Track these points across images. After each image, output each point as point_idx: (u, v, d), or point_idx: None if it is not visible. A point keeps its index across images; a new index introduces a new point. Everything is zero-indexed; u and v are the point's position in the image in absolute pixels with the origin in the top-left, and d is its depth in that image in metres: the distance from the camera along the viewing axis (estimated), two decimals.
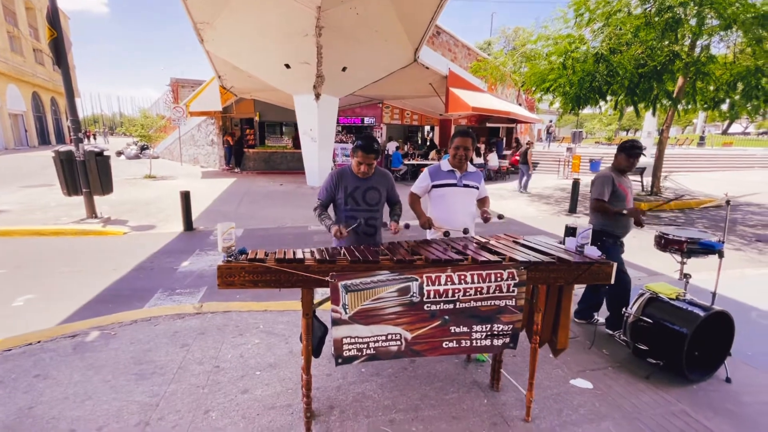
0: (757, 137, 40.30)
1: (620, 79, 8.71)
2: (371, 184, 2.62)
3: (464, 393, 2.44)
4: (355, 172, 2.59)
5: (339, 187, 2.59)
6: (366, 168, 2.54)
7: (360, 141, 2.52)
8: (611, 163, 3.22)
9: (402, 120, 17.97)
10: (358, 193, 2.59)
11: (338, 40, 9.73)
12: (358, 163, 2.53)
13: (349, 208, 2.60)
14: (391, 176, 2.80)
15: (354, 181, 2.60)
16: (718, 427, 2.18)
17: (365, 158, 2.50)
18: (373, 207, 2.63)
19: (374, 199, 2.63)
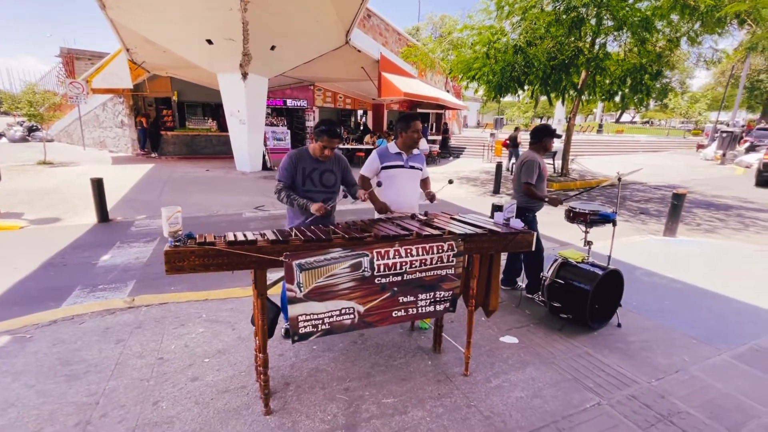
0: (641, 125, 46.98)
1: (535, 70, 9.57)
2: (328, 166, 2.68)
3: (410, 357, 2.67)
4: (317, 156, 2.62)
5: (297, 168, 2.60)
6: (329, 152, 2.60)
7: (324, 126, 2.56)
8: (534, 147, 3.58)
9: (335, 104, 17.73)
10: (316, 174, 2.63)
11: (266, 17, 9.24)
12: (323, 147, 2.57)
13: (306, 189, 2.62)
14: (345, 159, 2.86)
15: (312, 163, 2.63)
16: (611, 362, 2.68)
17: (330, 142, 2.56)
18: (330, 189, 2.69)
19: (330, 181, 2.69)
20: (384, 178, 2.98)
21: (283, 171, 2.61)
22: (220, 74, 10.93)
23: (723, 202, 9.00)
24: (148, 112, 15.36)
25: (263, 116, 12.07)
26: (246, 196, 8.26)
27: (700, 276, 4.27)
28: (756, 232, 6.54)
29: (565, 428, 2.07)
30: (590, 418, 2.15)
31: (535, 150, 3.53)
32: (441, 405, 2.22)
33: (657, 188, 10.96)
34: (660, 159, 18.46)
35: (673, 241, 5.78)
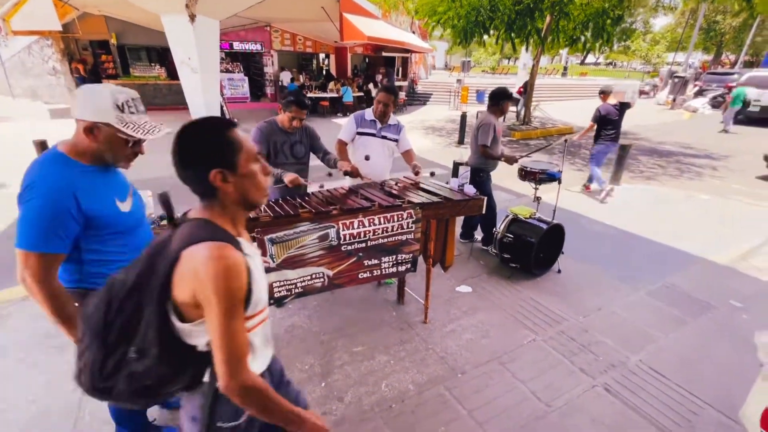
0: (604, 67, 47.53)
1: (501, 15, 9.40)
2: (297, 138, 2.74)
3: (377, 310, 3.00)
4: (285, 127, 2.65)
5: (269, 141, 2.64)
6: (298, 123, 2.64)
7: (292, 96, 2.59)
8: (491, 109, 3.72)
9: (294, 47, 16.62)
10: (286, 147, 2.69)
11: None
12: (292, 118, 2.60)
13: (279, 162, 2.69)
14: (312, 128, 2.90)
15: (282, 136, 2.68)
16: (549, 303, 3.14)
17: (300, 113, 2.59)
18: (301, 160, 2.78)
19: (301, 153, 2.77)
20: (357, 144, 3.07)
21: (256, 143, 2.64)
22: (163, 15, 9.89)
23: (665, 149, 9.71)
24: (84, 57, 13.82)
25: (217, 63, 11.23)
26: None
27: (633, 222, 4.81)
28: (689, 179, 7.24)
29: (506, 361, 2.50)
30: (526, 351, 2.59)
31: (493, 113, 3.69)
32: (403, 350, 2.58)
33: None
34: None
35: (616, 189, 6.32)
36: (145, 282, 0.92)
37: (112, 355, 0.91)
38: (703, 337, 2.80)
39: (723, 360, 2.56)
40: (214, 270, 0.86)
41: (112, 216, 1.35)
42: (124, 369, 0.91)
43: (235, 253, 0.91)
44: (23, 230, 1.20)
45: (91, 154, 1.32)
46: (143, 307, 0.91)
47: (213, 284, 0.86)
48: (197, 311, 0.91)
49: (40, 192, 1.20)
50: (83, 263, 1.34)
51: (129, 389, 0.93)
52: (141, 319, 0.91)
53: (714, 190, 6.41)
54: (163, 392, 0.98)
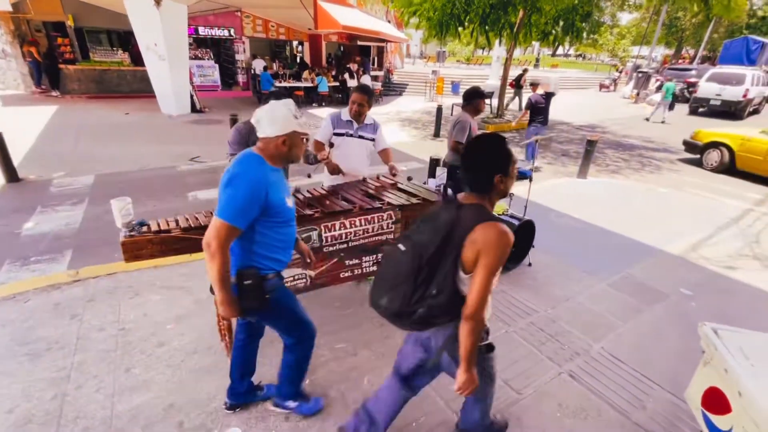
0: (575, 59, 48.81)
1: (475, 8, 9.50)
2: None
3: (358, 307, 3.08)
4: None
5: (249, 141, 2.63)
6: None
7: (272, 97, 2.55)
8: (466, 108, 3.83)
9: (267, 33, 16.14)
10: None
11: None
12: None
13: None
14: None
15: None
16: (520, 296, 3.33)
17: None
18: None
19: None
20: (334, 144, 3.10)
21: (234, 145, 2.63)
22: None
23: (629, 143, 10.22)
24: (36, 39, 12.89)
25: (186, 50, 10.79)
26: (178, 146, 7.75)
27: (598, 215, 5.10)
28: (650, 172, 7.69)
29: None
30: (499, 343, 2.73)
31: (468, 111, 3.80)
32: (384, 345, 2.69)
33: (579, 128, 11.99)
34: (585, 97, 19.80)
35: (584, 183, 6.65)
36: (447, 243, 1.35)
37: (418, 290, 1.37)
38: (657, 324, 3.06)
39: (673, 345, 2.83)
40: (502, 241, 1.29)
41: (283, 208, 1.67)
42: (425, 301, 1.37)
43: (511, 234, 1.32)
44: (226, 206, 1.53)
45: (278, 158, 1.68)
46: (444, 260, 1.35)
47: (496, 250, 1.29)
48: (473, 266, 1.33)
49: (245, 181, 1.54)
50: (253, 243, 1.66)
51: (424, 315, 1.39)
52: (441, 268, 1.36)
53: (671, 183, 6.86)
54: (438, 322, 1.46)
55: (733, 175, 7.50)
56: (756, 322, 3.13)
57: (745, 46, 22.06)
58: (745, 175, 7.32)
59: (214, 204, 1.63)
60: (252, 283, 1.63)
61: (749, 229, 4.99)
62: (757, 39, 21.95)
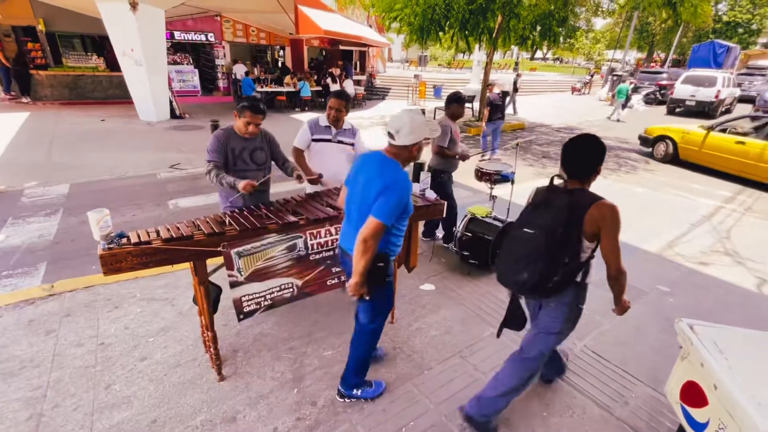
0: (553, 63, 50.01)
1: (455, 13, 9.64)
2: (257, 144, 2.71)
3: (345, 312, 3.07)
4: (241, 133, 2.63)
5: (227, 148, 2.60)
6: (254, 128, 2.61)
7: (246, 102, 2.57)
8: (447, 113, 3.89)
9: (247, 38, 16.00)
10: (246, 153, 2.66)
11: None
12: (246, 123, 2.57)
13: (239, 169, 2.65)
14: (273, 135, 2.89)
15: (240, 142, 2.64)
16: (504, 295, 3.35)
17: (254, 118, 2.57)
18: (261, 166, 2.75)
19: (261, 159, 2.75)
20: (313, 151, 3.09)
21: (214, 152, 2.58)
22: (100, 2, 9.16)
23: (606, 143, 10.48)
24: (2, 44, 12.41)
25: (164, 55, 10.58)
26: (157, 152, 7.59)
27: None
28: (626, 172, 7.92)
29: (467, 355, 2.68)
30: (486, 345, 2.79)
31: (448, 116, 3.85)
32: None
33: (558, 131, 12.27)
34: (563, 100, 20.28)
35: None
36: (570, 222, 1.74)
37: (555, 262, 1.76)
38: (637, 320, 3.15)
39: (653, 341, 2.92)
40: (615, 214, 1.72)
41: (411, 205, 1.97)
42: (560, 270, 1.77)
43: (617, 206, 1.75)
44: (385, 209, 1.81)
45: (408, 162, 1.97)
46: (571, 235, 1.75)
47: (614, 222, 1.72)
48: (592, 237, 1.76)
49: (399, 188, 1.83)
50: (389, 234, 1.94)
51: (559, 282, 1.79)
52: (569, 242, 1.76)
53: (646, 183, 7.08)
54: (564, 288, 1.86)
55: (678, 165, 8.36)
56: (729, 316, 3.26)
57: (712, 50, 23.11)
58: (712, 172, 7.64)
59: (197, 211, 1.61)
60: (383, 266, 1.93)
61: (721, 225, 5.20)
62: (723, 43, 23.00)
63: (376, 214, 1.79)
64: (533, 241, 1.79)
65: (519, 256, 1.84)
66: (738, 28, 35.72)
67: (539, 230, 1.79)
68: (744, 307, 3.43)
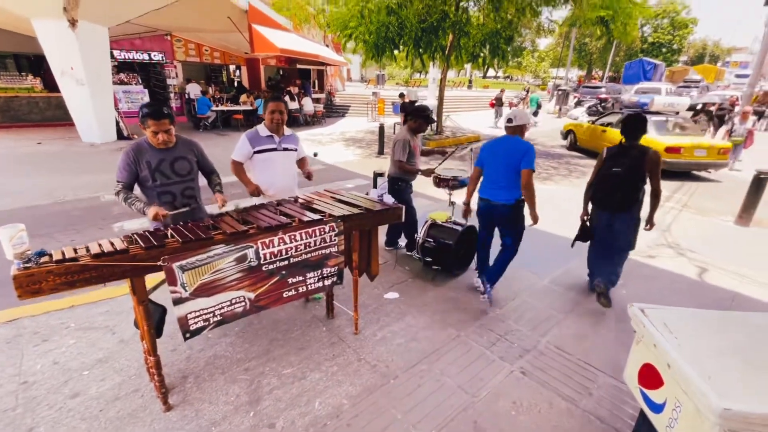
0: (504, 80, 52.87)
1: (408, 32, 9.95)
2: (177, 153, 2.46)
3: (306, 327, 2.93)
4: (154, 144, 2.38)
5: (140, 163, 2.35)
6: (165, 136, 2.35)
7: (146, 108, 2.30)
8: (407, 125, 3.85)
9: (201, 57, 15.64)
10: (165, 165, 2.41)
11: None
12: (153, 132, 2.32)
13: (159, 183, 2.41)
14: (199, 144, 2.66)
15: (156, 154, 2.39)
16: (469, 300, 3.37)
17: (158, 125, 2.30)
18: (186, 177, 2.51)
19: (185, 169, 2.50)
20: (258, 163, 2.95)
21: (121, 171, 2.34)
22: (35, 20, 8.62)
23: (556, 152, 11.11)
24: None
25: (108, 74, 10.08)
26: (101, 174, 7.08)
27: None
28: (576, 177, 8.36)
29: (434, 360, 2.62)
30: (451, 348, 2.74)
31: (410, 128, 3.84)
32: (335, 364, 2.55)
33: None
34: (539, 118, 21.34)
35: None
36: (642, 164, 3.01)
37: (636, 188, 3.08)
38: (594, 313, 3.24)
39: (611, 331, 3.00)
40: (659, 157, 3.02)
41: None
42: (638, 193, 3.10)
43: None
44: (531, 161, 2.99)
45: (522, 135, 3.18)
46: (642, 172, 3.03)
47: (659, 161, 3.00)
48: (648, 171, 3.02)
49: (531, 148, 3.02)
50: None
51: (637, 200, 3.12)
52: (641, 173, 3.04)
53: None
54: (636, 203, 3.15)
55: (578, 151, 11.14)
56: (677, 301, 3.43)
57: (641, 67, 25.46)
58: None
59: None
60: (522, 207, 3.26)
61: (662, 221, 5.55)
62: (650, 61, 25.47)
63: (527, 166, 2.98)
64: (621, 176, 3.08)
65: (613, 184, 3.13)
66: (662, 48, 39.74)
67: (624, 168, 3.06)
68: (689, 294, 3.63)
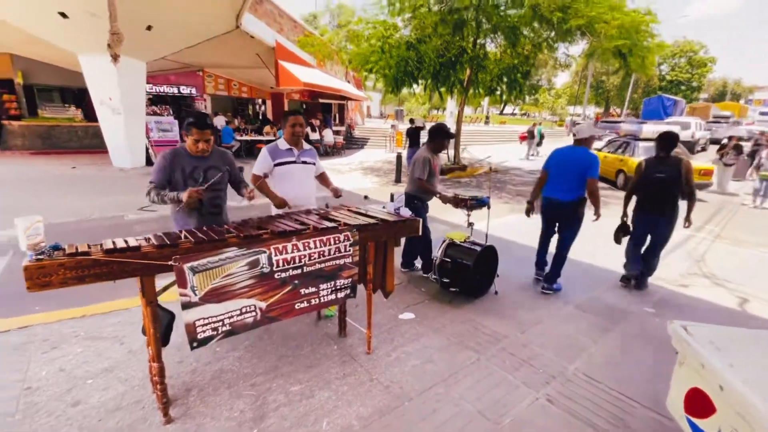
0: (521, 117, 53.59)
1: (427, 66, 10.28)
2: (211, 162, 2.57)
3: (317, 345, 2.80)
4: (193, 152, 2.50)
5: (175, 168, 2.45)
6: (204, 145, 2.49)
7: (192, 118, 2.46)
8: (428, 144, 3.84)
9: (229, 91, 16.52)
10: (198, 172, 2.51)
11: None
12: (195, 141, 2.46)
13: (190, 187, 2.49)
14: (230, 155, 2.79)
15: (192, 161, 2.50)
16: (489, 323, 3.18)
17: (201, 134, 2.45)
18: (216, 187, 2.60)
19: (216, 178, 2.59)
20: (278, 176, 3.00)
21: (156, 173, 2.44)
22: (82, 56, 9.35)
23: None
24: None
25: (143, 105, 10.71)
26: (127, 196, 7.33)
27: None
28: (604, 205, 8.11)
29: (452, 383, 2.43)
30: (470, 372, 2.55)
31: (430, 148, 3.84)
32: (346, 383, 2.40)
33: (531, 173, 12.74)
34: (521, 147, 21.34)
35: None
36: (679, 169, 3.57)
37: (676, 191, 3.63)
38: (626, 341, 3.00)
39: (645, 360, 2.75)
40: (692, 165, 3.65)
41: None
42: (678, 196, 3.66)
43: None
44: (596, 171, 3.44)
45: (589, 146, 3.63)
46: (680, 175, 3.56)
47: (692, 168, 3.60)
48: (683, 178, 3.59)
49: (596, 158, 3.47)
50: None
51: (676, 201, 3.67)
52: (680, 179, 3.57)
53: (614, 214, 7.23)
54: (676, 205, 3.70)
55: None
56: None
57: (661, 103, 25.37)
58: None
59: None
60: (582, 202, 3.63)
61: (694, 251, 5.26)
62: (670, 97, 25.41)
63: (593, 175, 3.42)
64: (665, 181, 3.59)
65: (659, 188, 3.62)
66: (680, 86, 39.78)
67: (666, 174, 3.58)
68: (730, 323, 3.32)
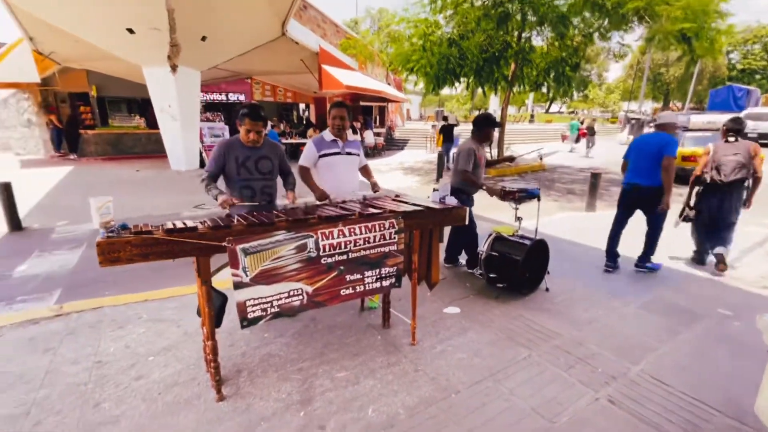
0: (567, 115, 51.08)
1: (469, 62, 10.06)
2: (263, 153, 2.67)
3: (361, 335, 2.79)
4: (245, 142, 2.61)
5: (229, 157, 2.58)
6: (255, 136, 2.59)
7: (246, 109, 2.57)
8: (474, 135, 3.73)
9: (275, 97, 17.23)
10: (251, 162, 2.62)
11: (192, 5, 8.73)
12: (247, 131, 2.57)
13: (243, 177, 2.61)
14: (281, 147, 2.89)
15: (245, 151, 2.61)
16: (540, 320, 3.01)
17: (253, 125, 2.55)
18: (267, 175, 2.69)
19: (267, 168, 2.69)
20: (323, 166, 3.03)
21: (212, 161, 2.59)
22: (146, 67, 10.16)
23: None
24: (53, 108, 13.74)
25: (197, 111, 11.43)
26: (183, 195, 7.83)
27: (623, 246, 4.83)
28: None
29: (501, 378, 2.32)
30: (522, 368, 2.42)
31: (476, 139, 3.73)
32: (391, 373, 2.36)
33: (581, 171, 12.07)
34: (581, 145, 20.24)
35: (593, 216, 6.46)
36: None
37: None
38: (700, 345, 2.70)
39: (723, 365, 2.46)
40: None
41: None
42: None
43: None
44: (673, 150, 3.57)
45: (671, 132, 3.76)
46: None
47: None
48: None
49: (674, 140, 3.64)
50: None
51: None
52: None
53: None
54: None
55: None
56: None
57: (731, 94, 22.99)
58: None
59: None
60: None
61: None
62: (741, 87, 22.96)
63: (669, 153, 3.52)
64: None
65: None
66: (755, 75, 35.86)
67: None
68: None
